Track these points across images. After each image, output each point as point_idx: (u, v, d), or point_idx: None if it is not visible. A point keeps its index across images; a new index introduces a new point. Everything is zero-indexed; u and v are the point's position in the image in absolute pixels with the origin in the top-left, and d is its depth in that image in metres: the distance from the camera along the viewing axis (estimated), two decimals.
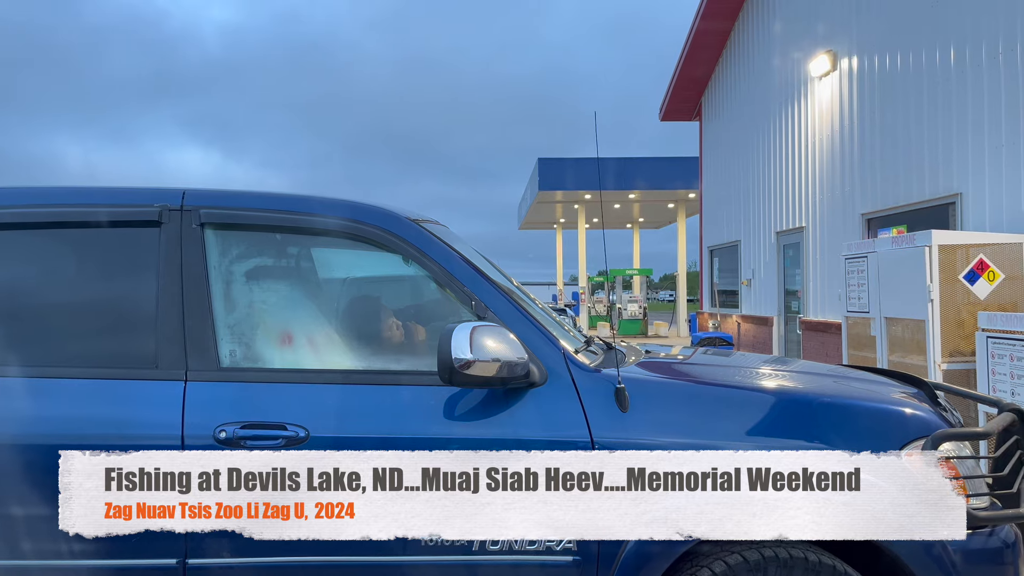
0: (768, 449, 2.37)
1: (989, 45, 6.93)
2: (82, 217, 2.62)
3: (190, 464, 2.31)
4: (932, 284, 5.81)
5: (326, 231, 2.66)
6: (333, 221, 2.63)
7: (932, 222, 7.74)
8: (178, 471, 2.30)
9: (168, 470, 2.30)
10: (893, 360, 6.46)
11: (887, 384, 2.83)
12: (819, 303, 10.51)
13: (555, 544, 2.36)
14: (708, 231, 15.91)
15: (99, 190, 2.70)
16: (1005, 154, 6.71)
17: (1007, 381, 5.08)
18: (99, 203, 2.64)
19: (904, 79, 8.37)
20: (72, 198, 2.67)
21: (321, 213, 2.65)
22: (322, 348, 2.63)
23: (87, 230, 2.63)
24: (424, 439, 2.39)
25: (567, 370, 2.49)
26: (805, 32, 11.00)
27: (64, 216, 2.62)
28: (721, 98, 14.92)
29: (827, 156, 10.27)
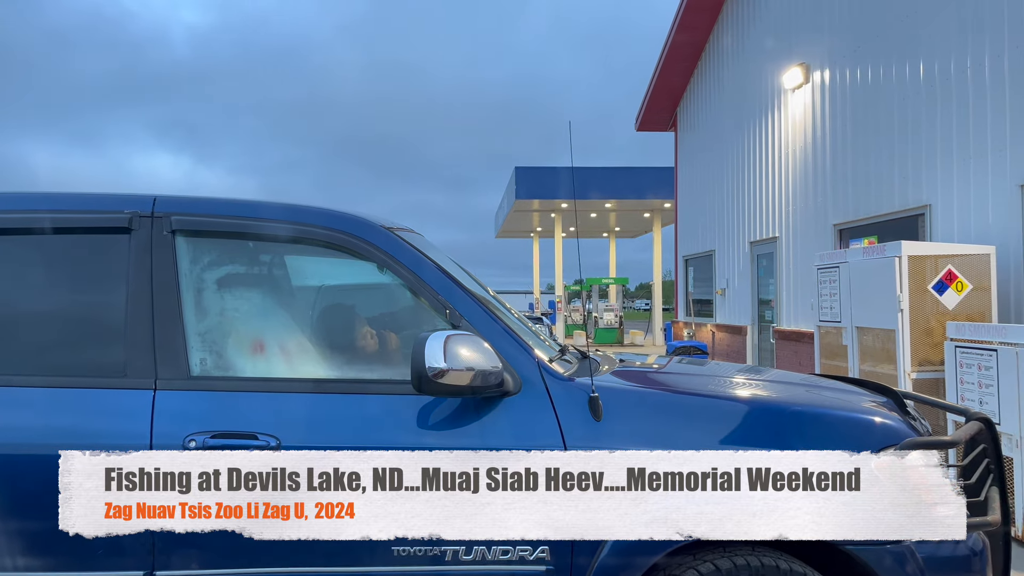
0: None
1: (958, 60, 7.06)
2: (50, 223, 2.58)
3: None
4: (902, 294, 5.89)
5: (299, 239, 2.64)
6: (306, 229, 2.62)
7: (902, 233, 7.85)
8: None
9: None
10: (864, 369, 6.53)
11: (858, 393, 2.86)
12: (792, 312, 10.61)
13: (528, 554, 2.36)
14: (683, 241, 16.02)
15: (68, 196, 2.66)
16: (973, 167, 6.84)
17: (975, 390, 5.16)
18: (68, 209, 2.60)
19: (875, 92, 8.50)
20: (40, 204, 2.63)
21: (294, 221, 2.63)
22: (294, 357, 2.61)
23: (55, 236, 2.59)
24: (398, 448, 2.37)
25: (541, 379, 2.49)
26: (778, 45, 11.14)
27: (32, 222, 2.58)
28: (696, 109, 15.06)
29: (800, 167, 10.40)
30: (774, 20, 11.35)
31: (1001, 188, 6.47)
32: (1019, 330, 4.81)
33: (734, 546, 2.40)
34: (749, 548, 2.39)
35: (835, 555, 2.47)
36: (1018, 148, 6.27)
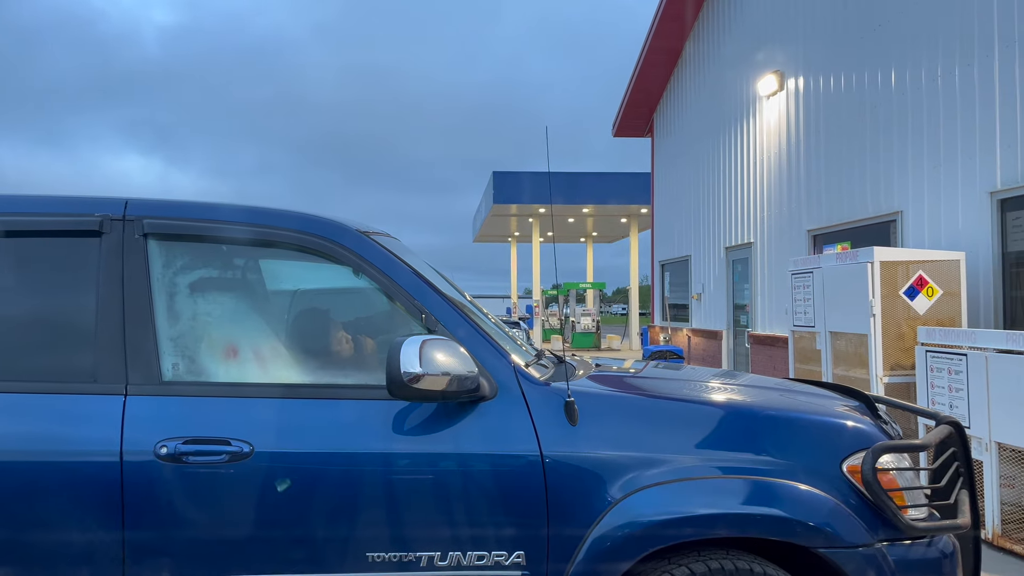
0: (715, 460, 2.40)
1: (929, 68, 7.18)
2: (19, 226, 2.54)
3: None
4: (874, 299, 5.97)
5: (273, 243, 2.62)
6: (281, 233, 2.60)
7: (875, 239, 7.95)
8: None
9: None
10: (838, 373, 6.60)
11: (830, 397, 2.89)
12: (767, 317, 10.71)
13: (503, 559, 2.36)
14: (659, 246, 16.11)
15: (37, 198, 2.62)
16: (943, 174, 6.95)
17: (945, 394, 5.23)
18: (37, 212, 2.57)
19: (848, 99, 8.61)
20: (8, 206, 2.58)
21: (268, 224, 2.61)
22: (269, 361, 2.59)
23: (24, 239, 2.55)
24: (372, 454, 2.36)
25: (517, 384, 2.49)
26: (754, 52, 11.25)
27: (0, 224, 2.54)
28: (673, 115, 15.17)
29: (775, 174, 10.50)
30: (750, 28, 11.47)
31: (970, 195, 6.57)
32: (988, 335, 4.89)
33: (708, 550, 2.41)
34: (723, 551, 2.40)
35: (807, 558, 2.49)
36: (987, 156, 6.38)
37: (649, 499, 2.34)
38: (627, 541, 2.31)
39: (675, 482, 2.37)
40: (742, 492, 2.36)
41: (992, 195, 6.30)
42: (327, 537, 2.34)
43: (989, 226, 6.33)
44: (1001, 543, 4.74)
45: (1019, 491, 4.72)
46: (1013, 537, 4.70)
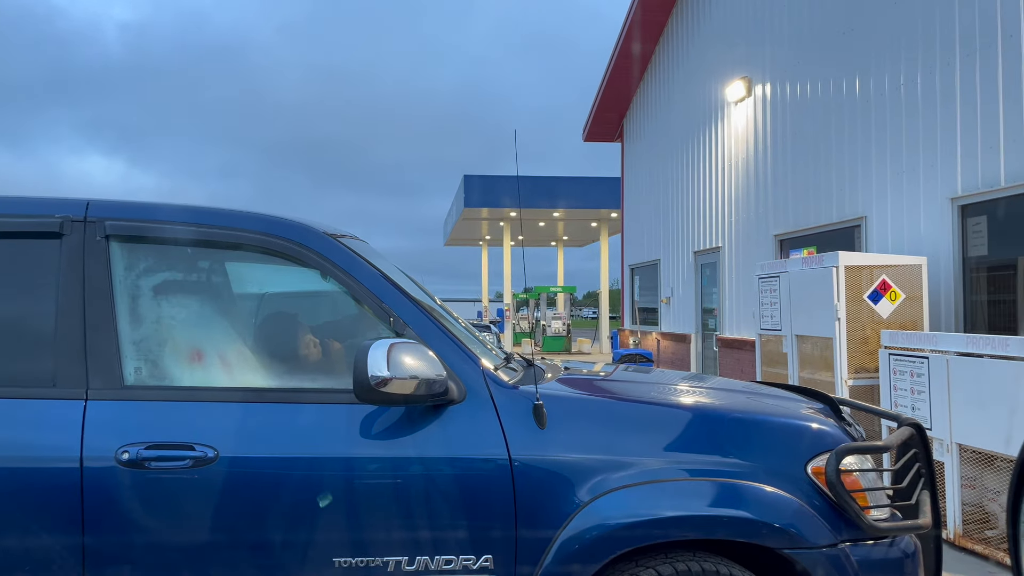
0: (683, 463, 2.42)
1: (892, 76, 7.31)
2: None
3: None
4: (839, 303, 6.05)
5: (239, 245, 2.59)
6: (246, 235, 2.57)
7: (840, 244, 8.08)
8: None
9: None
10: (803, 376, 6.69)
11: (796, 400, 2.92)
12: (734, 321, 10.82)
13: (471, 563, 2.35)
14: (629, 250, 16.21)
15: None
16: (905, 180, 7.08)
17: (907, 396, 5.32)
18: None
19: (814, 106, 8.74)
20: None
21: (234, 227, 2.58)
22: (234, 365, 2.56)
23: None
24: (339, 458, 2.35)
25: (486, 387, 2.48)
26: (722, 58, 11.38)
27: None
28: (642, 120, 15.28)
29: (742, 179, 10.62)
30: (718, 34, 11.59)
31: (932, 201, 6.70)
32: (949, 338, 4.98)
33: (676, 551, 2.42)
34: (691, 553, 2.42)
35: (773, 559, 2.52)
36: (948, 163, 6.51)
37: (617, 502, 2.35)
38: (595, 544, 2.31)
39: (643, 484, 2.38)
40: (709, 494, 2.38)
41: (953, 201, 6.43)
42: (293, 543, 2.31)
43: (950, 231, 6.46)
44: (963, 543, 4.83)
45: (980, 492, 4.81)
46: (974, 537, 4.79)
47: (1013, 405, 4.38)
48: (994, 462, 4.68)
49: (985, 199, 6.09)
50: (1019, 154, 5.74)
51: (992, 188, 5.98)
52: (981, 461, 4.77)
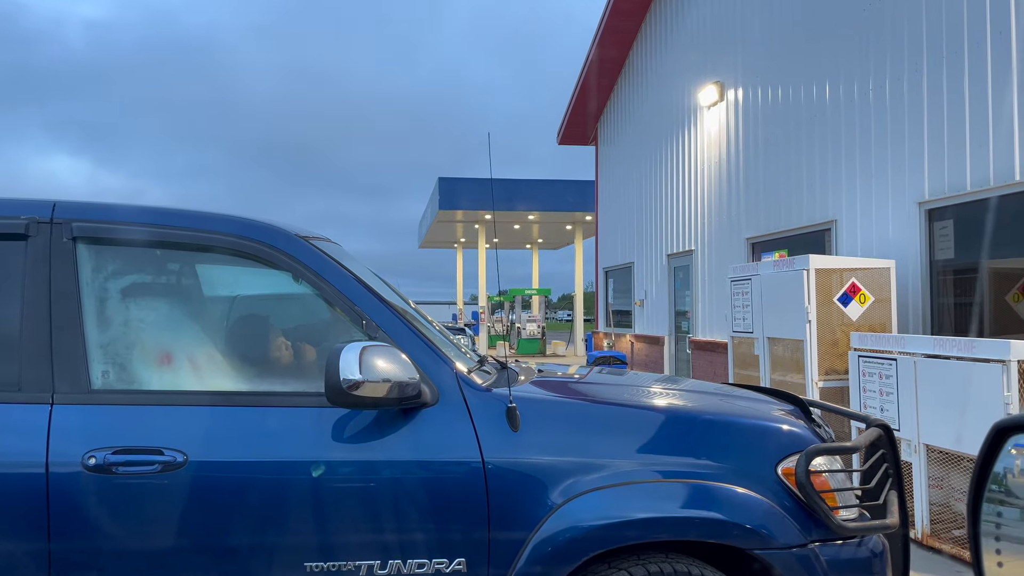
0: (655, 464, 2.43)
1: (860, 82, 7.42)
2: None
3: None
4: (810, 306, 6.12)
5: (210, 247, 2.56)
6: (216, 237, 2.55)
7: (811, 247, 8.17)
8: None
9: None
10: (775, 378, 6.75)
11: (767, 402, 2.95)
12: (707, 323, 10.90)
13: (444, 566, 2.34)
14: (603, 253, 16.28)
15: None
16: (874, 184, 7.18)
17: (876, 398, 5.39)
18: None
19: (784, 111, 8.84)
20: None
21: (204, 229, 2.55)
22: (204, 369, 2.53)
23: None
24: (311, 462, 2.33)
25: (459, 390, 2.48)
26: (695, 63, 11.47)
27: None
28: (616, 124, 15.36)
29: (715, 182, 10.71)
30: (691, 39, 11.69)
31: (900, 205, 6.81)
32: (916, 340, 5.06)
33: (648, 553, 2.43)
34: (663, 555, 2.43)
35: (744, 559, 2.54)
36: (916, 167, 6.62)
37: (590, 504, 2.36)
38: (568, 546, 2.32)
39: (616, 486, 2.39)
40: (681, 496, 2.40)
41: (920, 205, 6.53)
42: (264, 547, 2.29)
43: (918, 235, 6.56)
44: (930, 542, 4.90)
45: (947, 492, 4.89)
46: (941, 536, 4.86)
47: (980, 405, 4.46)
48: (961, 462, 4.76)
49: (951, 203, 6.20)
50: (984, 159, 5.85)
51: (958, 193, 6.09)
52: (948, 461, 4.84)
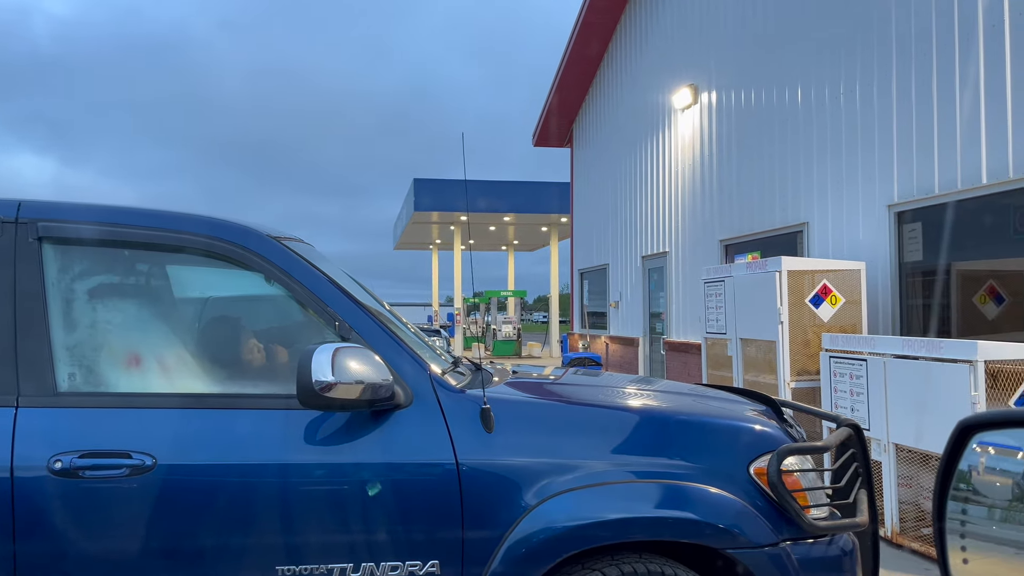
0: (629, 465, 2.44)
1: (831, 86, 7.51)
2: None
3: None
4: (782, 307, 6.19)
5: (180, 248, 2.53)
6: (187, 238, 2.51)
7: (783, 249, 8.26)
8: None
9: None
10: (748, 379, 6.81)
11: (739, 402, 2.97)
12: (681, 324, 10.97)
13: (418, 568, 2.33)
14: (579, 254, 16.33)
15: None
16: (845, 187, 7.27)
17: (847, 398, 5.46)
18: None
19: (757, 114, 8.93)
20: None
21: (174, 229, 2.52)
22: (174, 371, 2.49)
23: None
24: (283, 465, 2.31)
25: (433, 391, 2.47)
26: (669, 66, 11.55)
27: None
28: (591, 126, 15.41)
29: (689, 185, 10.79)
30: (666, 42, 11.76)
31: (871, 208, 6.90)
32: (886, 341, 5.13)
33: (622, 553, 2.44)
34: (636, 555, 2.44)
35: (717, 559, 2.56)
36: (886, 170, 6.71)
37: (564, 504, 2.36)
38: (542, 547, 2.32)
39: (590, 487, 2.39)
40: (655, 496, 2.41)
41: (890, 208, 6.63)
42: (235, 551, 2.27)
43: (887, 237, 6.66)
44: (899, 540, 4.97)
45: (916, 490, 4.96)
46: (910, 535, 4.93)
47: (948, 405, 4.53)
48: (929, 461, 4.83)
49: (920, 206, 6.29)
50: (952, 163, 5.94)
51: (927, 196, 6.18)
52: (917, 460, 4.91)
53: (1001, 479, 1.01)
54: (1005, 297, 5.51)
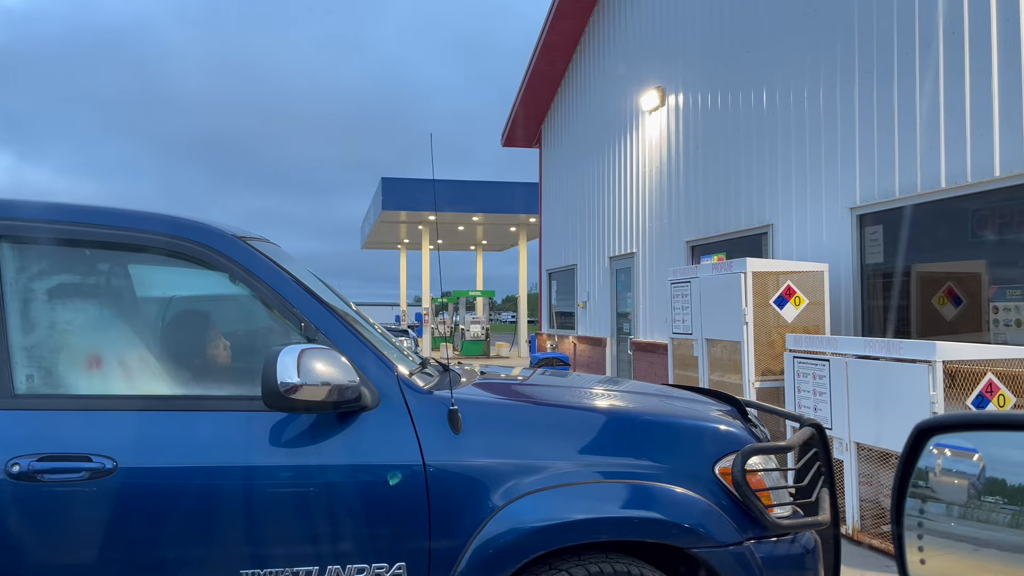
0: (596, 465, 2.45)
1: (796, 90, 7.62)
2: None
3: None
4: (747, 308, 6.26)
5: (142, 247, 2.49)
6: (150, 237, 2.47)
7: (749, 250, 8.36)
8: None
9: None
10: (714, 379, 6.88)
11: (705, 403, 3.00)
12: (648, 325, 11.05)
13: (384, 571, 2.32)
14: (547, 255, 16.36)
15: None
16: (809, 190, 7.38)
17: (810, 397, 5.54)
18: None
19: (724, 117, 9.03)
20: None
21: (137, 228, 2.48)
22: (136, 373, 2.45)
23: None
24: (248, 467, 2.28)
25: (400, 393, 2.46)
26: (637, 67, 11.63)
27: None
28: (560, 127, 15.46)
29: (656, 186, 10.87)
30: (634, 44, 11.84)
31: (833, 211, 7.02)
32: (848, 342, 5.22)
33: (589, 553, 2.45)
34: (603, 555, 2.45)
35: (682, 558, 2.58)
36: (848, 174, 6.83)
37: (531, 505, 2.36)
38: (509, 548, 2.32)
39: (557, 488, 2.40)
40: (621, 496, 2.42)
41: (852, 211, 6.74)
42: (198, 556, 2.24)
43: (849, 239, 6.77)
44: (860, 538, 5.06)
45: (876, 488, 5.05)
46: (871, 532, 5.02)
47: (907, 404, 4.62)
48: (889, 459, 4.92)
49: (881, 209, 6.41)
50: (912, 167, 6.06)
51: (888, 199, 6.30)
52: (877, 459, 5.01)
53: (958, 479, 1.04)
54: (963, 298, 5.64)
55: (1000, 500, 0.97)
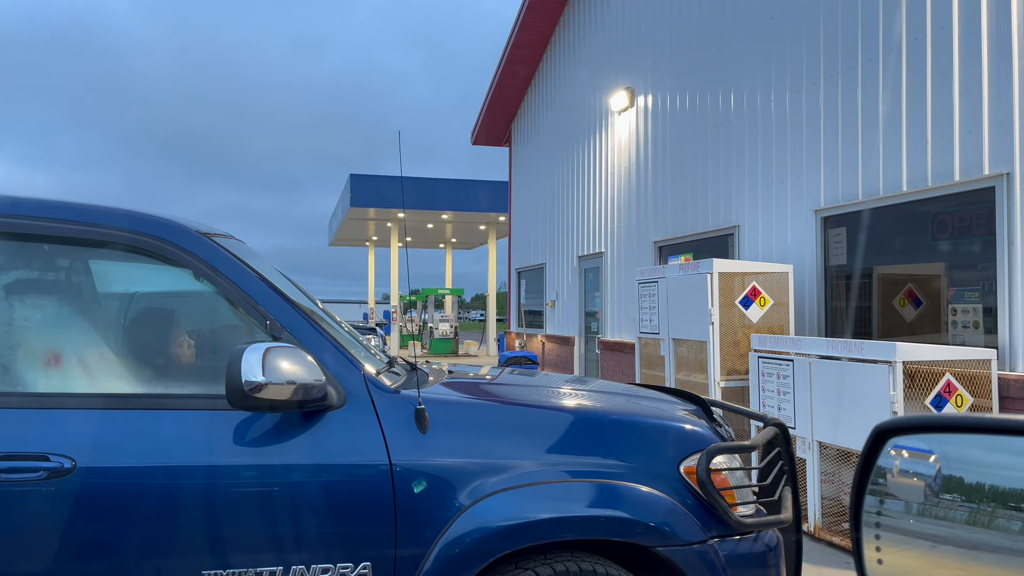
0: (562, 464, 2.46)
1: (763, 91, 7.71)
2: None
3: None
4: (713, 308, 6.32)
5: (104, 243, 2.44)
6: (111, 232, 2.43)
7: (715, 251, 8.44)
8: None
9: None
10: (680, 378, 6.94)
11: (671, 402, 3.03)
12: (616, 324, 11.11)
13: (349, 571, 2.31)
14: (516, 254, 16.38)
15: None
16: (775, 191, 7.48)
17: (775, 397, 5.62)
18: None
19: (692, 118, 9.11)
20: None
21: (98, 223, 2.43)
22: (96, 370, 2.41)
23: None
24: (211, 467, 2.25)
25: (367, 392, 2.45)
26: (607, 67, 11.68)
27: None
28: (530, 126, 15.47)
29: (624, 186, 10.93)
30: (604, 44, 11.89)
31: (798, 212, 7.11)
32: (811, 342, 5.29)
33: (555, 552, 2.46)
34: (568, 554, 2.46)
35: (647, 556, 2.60)
36: (812, 176, 6.93)
37: (497, 505, 2.36)
38: (474, 547, 2.32)
39: (523, 487, 2.41)
40: (587, 495, 2.43)
41: (816, 213, 6.84)
42: (159, 557, 2.20)
43: (813, 241, 6.87)
44: (822, 535, 5.14)
45: (838, 486, 5.13)
46: (832, 529, 5.10)
47: (868, 403, 4.71)
48: (850, 458, 5.01)
49: (844, 212, 6.51)
50: (875, 170, 6.17)
51: (851, 202, 6.40)
52: (839, 457, 5.09)
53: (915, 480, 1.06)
54: (923, 300, 5.75)
55: (957, 498, 1.00)
